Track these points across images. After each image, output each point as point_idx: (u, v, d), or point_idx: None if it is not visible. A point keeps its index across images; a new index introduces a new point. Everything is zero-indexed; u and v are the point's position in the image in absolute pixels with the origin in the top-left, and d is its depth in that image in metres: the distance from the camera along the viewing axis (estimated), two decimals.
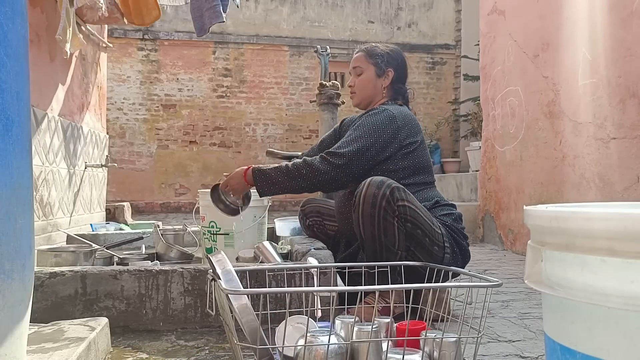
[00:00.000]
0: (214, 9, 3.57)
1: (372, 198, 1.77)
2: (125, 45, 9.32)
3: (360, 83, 2.18)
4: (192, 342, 1.65)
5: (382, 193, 1.77)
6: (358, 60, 2.20)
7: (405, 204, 1.79)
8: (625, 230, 0.53)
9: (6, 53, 0.96)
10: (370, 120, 2.01)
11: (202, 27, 3.70)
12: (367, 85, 2.17)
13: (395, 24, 10.31)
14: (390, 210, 1.77)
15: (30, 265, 1.05)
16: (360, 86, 2.19)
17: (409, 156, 2.02)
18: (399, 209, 1.78)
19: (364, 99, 2.19)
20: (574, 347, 0.60)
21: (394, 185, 1.79)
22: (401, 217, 1.79)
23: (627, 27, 2.84)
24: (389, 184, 1.78)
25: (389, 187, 1.77)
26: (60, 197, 3.47)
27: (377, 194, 1.77)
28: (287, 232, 2.61)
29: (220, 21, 3.63)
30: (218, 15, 3.58)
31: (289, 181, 1.95)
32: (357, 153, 1.93)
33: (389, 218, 1.77)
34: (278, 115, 10.05)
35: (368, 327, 1.24)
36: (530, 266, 0.67)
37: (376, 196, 1.77)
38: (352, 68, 2.21)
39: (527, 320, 1.94)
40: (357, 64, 2.20)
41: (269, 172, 1.98)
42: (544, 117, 3.70)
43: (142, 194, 9.32)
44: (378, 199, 1.76)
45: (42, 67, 3.24)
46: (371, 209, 1.77)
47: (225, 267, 1.27)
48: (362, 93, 2.19)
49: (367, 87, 2.18)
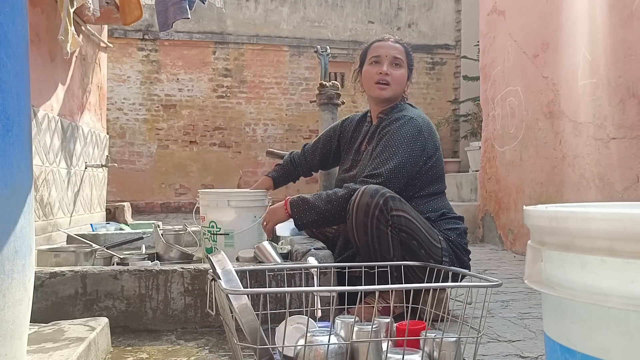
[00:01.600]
0: (179, 4, 3.55)
1: (365, 207, 1.75)
2: (126, 45, 9.32)
3: (398, 78, 2.06)
4: (192, 342, 1.65)
5: (375, 202, 1.75)
6: (400, 52, 2.07)
7: (400, 213, 1.77)
8: (625, 230, 0.53)
9: (6, 53, 0.96)
10: (400, 134, 1.93)
11: (166, 22, 3.68)
12: (402, 83, 2.08)
13: (395, 24, 10.31)
14: (383, 219, 1.75)
15: (30, 265, 1.05)
16: (397, 81, 2.06)
17: (429, 166, 1.99)
18: (393, 219, 1.76)
19: (395, 95, 2.08)
20: (574, 347, 0.60)
21: (388, 195, 1.77)
22: (395, 226, 1.77)
23: (627, 27, 2.84)
24: (382, 193, 1.76)
25: (383, 197, 1.75)
26: (61, 197, 3.47)
27: (371, 203, 1.75)
28: (287, 232, 2.61)
29: (184, 17, 3.61)
30: (183, 11, 3.56)
31: (326, 205, 1.89)
32: (394, 171, 1.88)
33: (382, 227, 1.76)
34: (278, 115, 10.05)
35: (368, 327, 1.24)
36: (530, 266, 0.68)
37: (369, 205, 1.75)
38: (393, 57, 2.05)
39: (527, 320, 1.94)
40: (400, 55, 2.06)
41: (306, 198, 1.94)
42: (543, 117, 3.70)
43: (142, 194, 9.32)
44: (371, 208, 1.75)
45: (42, 67, 3.24)
46: (364, 218, 1.76)
47: (225, 267, 1.28)
48: (397, 88, 2.07)
49: (401, 85, 2.08)
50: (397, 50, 2.06)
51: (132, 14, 3.54)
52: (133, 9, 3.52)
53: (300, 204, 1.94)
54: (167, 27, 3.71)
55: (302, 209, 1.93)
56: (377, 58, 2.05)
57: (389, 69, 2.03)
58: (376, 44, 2.10)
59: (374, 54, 2.07)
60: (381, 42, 2.10)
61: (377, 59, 2.06)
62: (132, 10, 3.52)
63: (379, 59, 2.05)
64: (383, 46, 2.07)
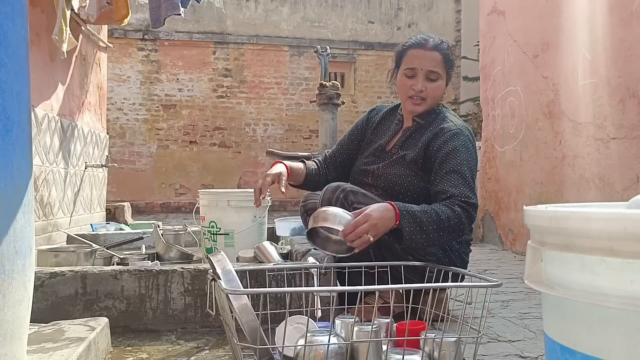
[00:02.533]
0: (172, 0, 3.57)
1: (327, 203, 1.79)
2: (126, 45, 9.32)
3: (435, 91, 1.93)
4: (192, 342, 1.65)
5: (335, 197, 1.80)
6: (437, 63, 1.91)
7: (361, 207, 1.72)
8: (625, 230, 0.53)
9: (6, 53, 0.96)
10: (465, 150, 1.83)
11: (158, 19, 3.69)
12: (440, 95, 1.96)
13: (395, 24, 10.31)
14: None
15: (30, 265, 1.05)
16: (434, 95, 1.93)
17: None
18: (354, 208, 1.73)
19: (431, 107, 1.96)
20: (574, 347, 0.60)
21: (349, 189, 1.82)
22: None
23: (627, 27, 2.84)
24: (343, 188, 1.82)
25: (343, 191, 1.81)
26: (61, 197, 3.47)
27: (331, 198, 1.80)
28: (287, 232, 2.62)
29: (176, 13, 3.62)
30: (175, 7, 3.57)
31: (437, 232, 1.67)
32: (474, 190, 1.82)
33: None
34: (278, 115, 10.05)
35: (368, 327, 1.24)
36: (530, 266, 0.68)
37: (330, 200, 1.80)
38: (428, 71, 1.90)
39: (527, 320, 1.94)
40: (435, 68, 1.91)
41: (419, 215, 1.66)
42: (543, 117, 3.70)
43: (142, 194, 9.32)
44: (332, 202, 1.78)
45: (42, 67, 3.24)
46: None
47: (225, 267, 1.28)
48: (433, 102, 1.95)
49: (439, 96, 1.96)
50: (434, 61, 1.91)
51: (119, 13, 3.56)
52: (120, 7, 3.54)
53: (412, 222, 1.65)
54: (160, 24, 3.72)
55: (414, 229, 1.66)
56: (412, 71, 1.92)
57: (424, 84, 1.91)
58: (412, 51, 1.94)
59: (409, 65, 1.93)
60: (418, 51, 1.93)
61: (411, 71, 1.92)
62: (120, 9, 3.54)
63: (414, 71, 1.92)
64: (419, 57, 1.92)
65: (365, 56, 9.98)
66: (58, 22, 2.93)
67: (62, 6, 2.92)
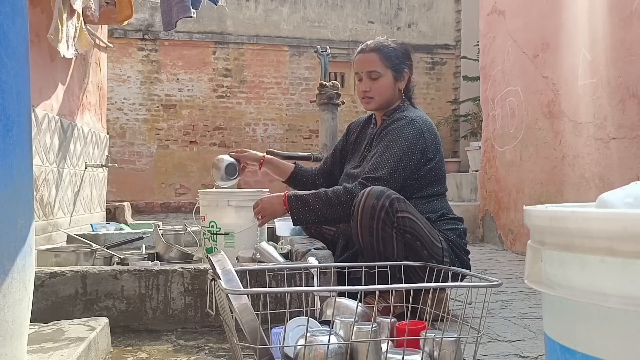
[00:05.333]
0: (183, 3, 3.56)
1: (371, 209, 1.74)
2: (126, 45, 9.32)
3: (379, 89, 2.04)
4: (192, 342, 1.65)
5: (381, 204, 1.74)
6: (373, 63, 2.03)
7: (405, 215, 1.77)
8: (625, 230, 0.53)
9: (6, 53, 0.96)
10: (400, 136, 1.94)
11: (170, 22, 3.69)
12: (387, 91, 2.05)
13: (395, 24, 10.31)
14: (389, 221, 1.75)
15: (30, 265, 1.05)
16: (379, 92, 2.05)
17: (429, 168, 1.99)
18: (398, 221, 1.76)
19: (382, 104, 2.08)
20: (574, 347, 0.60)
21: (394, 196, 1.76)
22: (400, 228, 1.77)
23: (627, 27, 2.84)
24: (388, 194, 1.76)
25: (388, 198, 1.75)
26: (61, 197, 3.47)
27: (376, 205, 1.74)
28: (287, 232, 2.61)
29: (188, 16, 3.61)
30: (186, 10, 3.56)
31: (328, 209, 1.89)
32: (393, 174, 1.89)
33: (388, 229, 1.75)
34: (278, 115, 10.05)
35: (368, 327, 1.24)
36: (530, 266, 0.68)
37: (375, 207, 1.74)
38: (367, 72, 2.04)
39: (527, 320, 1.94)
40: (373, 67, 2.03)
41: (306, 197, 1.92)
42: (543, 117, 3.70)
43: (142, 194, 9.32)
44: (377, 210, 1.74)
45: (42, 67, 3.24)
46: (370, 220, 1.75)
47: (225, 267, 1.28)
48: (381, 99, 2.06)
49: (387, 92, 2.06)
50: (370, 62, 2.04)
51: (122, 13, 3.54)
52: (124, 7, 3.52)
53: (299, 204, 1.92)
54: (172, 27, 3.71)
55: (302, 209, 1.91)
56: (358, 75, 2.09)
57: (367, 84, 2.05)
58: (356, 58, 2.10)
59: (355, 71, 2.11)
60: (358, 56, 2.09)
61: (358, 76, 2.09)
62: (123, 9, 3.52)
63: (359, 75, 2.08)
64: (359, 61, 2.08)
65: None
66: (54, 22, 2.93)
67: (58, 5, 2.92)
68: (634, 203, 0.66)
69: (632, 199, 0.67)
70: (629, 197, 0.67)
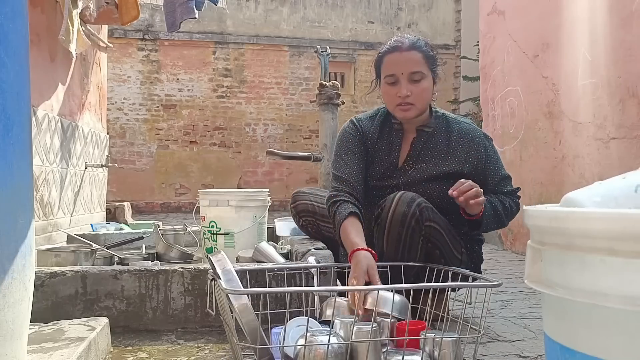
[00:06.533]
0: (187, 4, 3.56)
1: (402, 216, 1.69)
2: (126, 45, 9.33)
3: (422, 93, 1.80)
4: (192, 342, 1.65)
5: (412, 212, 1.68)
6: (417, 63, 1.79)
7: (432, 224, 1.73)
8: (625, 230, 0.53)
9: (7, 53, 0.96)
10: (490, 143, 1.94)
11: (173, 23, 3.69)
12: (428, 97, 1.83)
13: (395, 24, 10.32)
14: (418, 229, 1.71)
15: (30, 265, 1.05)
16: (421, 97, 1.80)
17: None
18: (426, 229, 1.72)
19: (421, 112, 1.84)
20: (574, 347, 0.60)
21: (424, 205, 1.71)
22: (426, 237, 1.74)
23: (627, 27, 2.84)
24: (418, 202, 1.70)
25: (419, 206, 1.70)
26: (61, 197, 3.47)
27: (407, 212, 1.68)
28: (287, 232, 2.61)
29: (191, 17, 3.61)
30: (190, 11, 3.56)
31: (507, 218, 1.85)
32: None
33: (416, 237, 1.72)
34: (278, 115, 10.05)
35: (367, 327, 1.24)
36: (530, 266, 0.68)
37: (406, 215, 1.68)
38: (410, 72, 1.78)
39: (527, 320, 1.94)
40: (417, 68, 1.79)
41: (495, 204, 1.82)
42: (543, 117, 3.70)
43: (142, 194, 9.32)
44: (408, 217, 1.69)
45: (42, 67, 3.24)
46: (399, 227, 1.71)
47: (225, 267, 1.28)
48: (422, 106, 1.83)
49: (428, 98, 1.84)
50: (414, 61, 1.79)
51: (129, 14, 3.53)
52: (130, 8, 3.51)
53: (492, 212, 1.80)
54: (176, 28, 3.71)
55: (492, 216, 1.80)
56: (393, 77, 1.80)
57: (408, 88, 1.78)
58: (389, 57, 1.83)
59: (389, 72, 1.81)
60: (394, 55, 1.82)
61: (392, 78, 1.80)
62: (130, 10, 3.51)
63: (395, 78, 1.80)
64: (397, 61, 1.80)
65: (365, 56, 9.98)
66: (65, 23, 2.93)
67: (68, 6, 2.92)
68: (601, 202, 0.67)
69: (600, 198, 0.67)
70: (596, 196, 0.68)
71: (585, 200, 0.67)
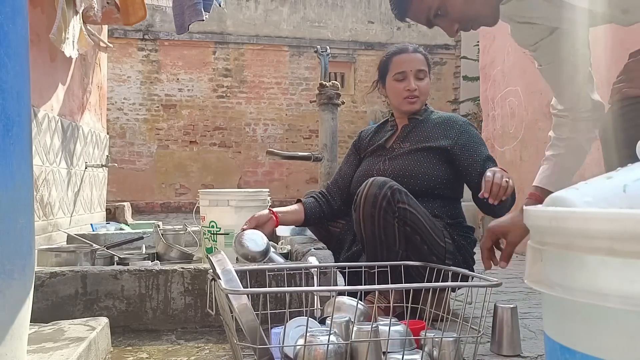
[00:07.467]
0: (195, 7, 3.56)
1: (373, 198, 1.77)
2: (126, 45, 9.33)
3: (425, 88, 2.12)
4: (192, 342, 1.65)
5: (382, 193, 1.76)
6: (422, 63, 2.11)
7: (406, 207, 1.78)
8: (625, 230, 0.53)
9: (6, 53, 0.96)
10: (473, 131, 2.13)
11: (182, 25, 3.68)
12: (428, 92, 2.15)
13: (395, 24, 10.31)
14: (390, 210, 1.76)
15: (30, 265, 1.05)
16: (424, 92, 2.12)
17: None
18: (399, 211, 1.77)
19: (423, 103, 2.16)
20: (574, 347, 0.60)
21: (395, 187, 1.79)
22: (401, 218, 1.78)
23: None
24: (390, 185, 1.79)
25: (390, 188, 1.77)
26: (61, 197, 3.47)
27: (378, 194, 1.76)
28: (287, 232, 2.61)
29: (200, 19, 3.60)
30: (198, 13, 3.56)
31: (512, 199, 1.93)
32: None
33: (389, 218, 1.77)
34: (278, 115, 10.05)
35: (367, 326, 1.24)
36: (530, 266, 0.68)
37: (377, 196, 1.76)
38: (417, 70, 2.09)
39: (527, 320, 1.94)
40: (422, 67, 2.11)
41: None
42: (543, 117, 3.70)
43: (142, 194, 9.32)
44: (379, 199, 1.76)
45: (42, 67, 3.24)
46: (371, 209, 1.77)
47: (225, 267, 1.28)
48: (424, 99, 2.14)
49: (428, 93, 2.15)
50: (419, 61, 2.10)
51: (136, 15, 3.52)
52: (137, 9, 3.50)
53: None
54: (184, 30, 3.71)
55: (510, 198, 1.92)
56: (402, 74, 2.09)
57: (415, 83, 2.09)
58: (398, 57, 2.12)
59: (398, 70, 2.10)
60: (403, 55, 2.12)
61: (402, 75, 2.10)
62: (137, 10, 3.50)
63: (404, 74, 2.09)
64: (406, 60, 2.10)
65: (365, 56, 9.98)
66: (57, 22, 2.93)
67: (62, 5, 2.92)
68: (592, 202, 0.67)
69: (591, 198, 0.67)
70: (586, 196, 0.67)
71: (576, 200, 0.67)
